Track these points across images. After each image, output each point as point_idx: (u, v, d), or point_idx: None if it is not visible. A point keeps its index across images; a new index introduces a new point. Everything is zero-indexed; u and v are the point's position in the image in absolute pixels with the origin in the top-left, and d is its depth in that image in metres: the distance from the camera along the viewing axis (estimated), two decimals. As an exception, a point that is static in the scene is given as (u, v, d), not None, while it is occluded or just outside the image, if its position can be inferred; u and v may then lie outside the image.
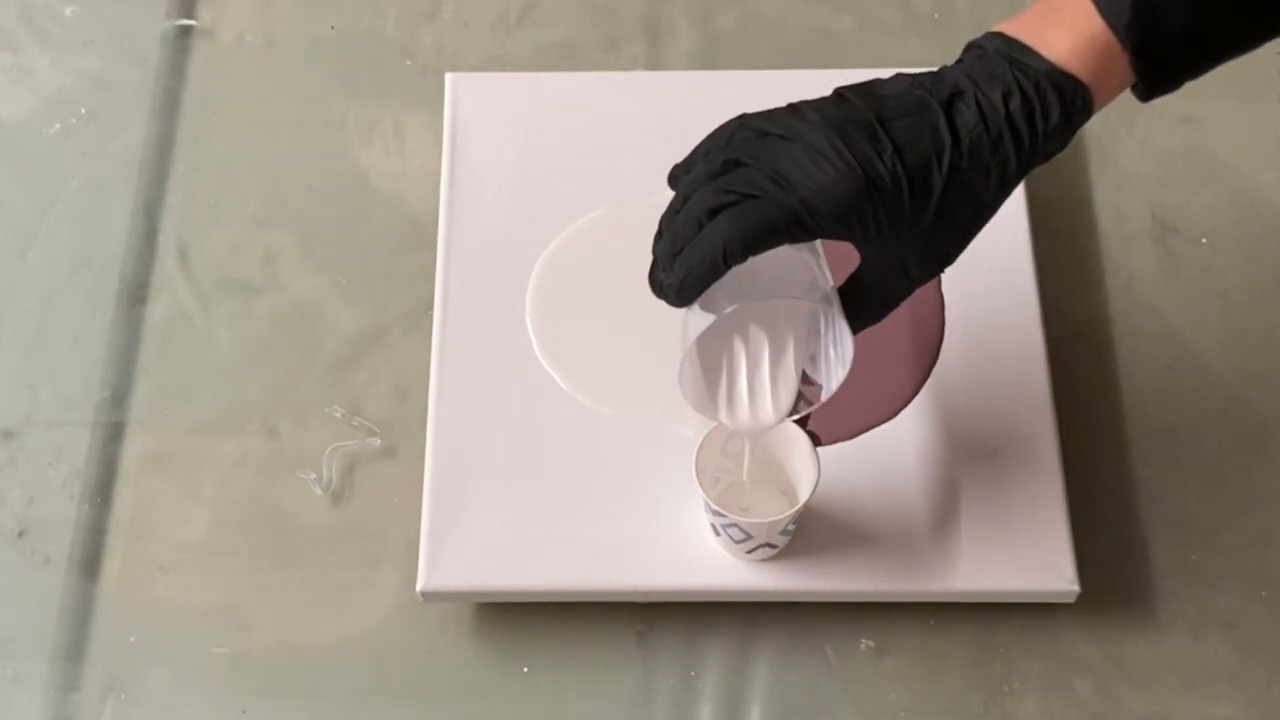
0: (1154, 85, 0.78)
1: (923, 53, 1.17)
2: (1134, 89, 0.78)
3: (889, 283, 0.78)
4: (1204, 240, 1.09)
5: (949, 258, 0.78)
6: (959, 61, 0.78)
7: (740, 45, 1.18)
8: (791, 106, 0.77)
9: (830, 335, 0.81)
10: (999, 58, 0.76)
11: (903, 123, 0.74)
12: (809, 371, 0.83)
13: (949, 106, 0.75)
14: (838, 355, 0.81)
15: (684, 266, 0.76)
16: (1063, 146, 0.77)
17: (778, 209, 0.73)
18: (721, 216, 0.74)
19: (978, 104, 0.75)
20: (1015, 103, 0.75)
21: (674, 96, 1.11)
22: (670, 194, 0.80)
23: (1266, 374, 1.04)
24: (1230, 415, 1.02)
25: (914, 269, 0.77)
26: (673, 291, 0.77)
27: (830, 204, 0.73)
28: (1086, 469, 0.99)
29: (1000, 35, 0.77)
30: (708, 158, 0.77)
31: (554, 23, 1.19)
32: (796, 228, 0.73)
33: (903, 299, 0.79)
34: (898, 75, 0.77)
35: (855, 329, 0.79)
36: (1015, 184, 0.77)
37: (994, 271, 1.03)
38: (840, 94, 0.76)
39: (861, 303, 0.79)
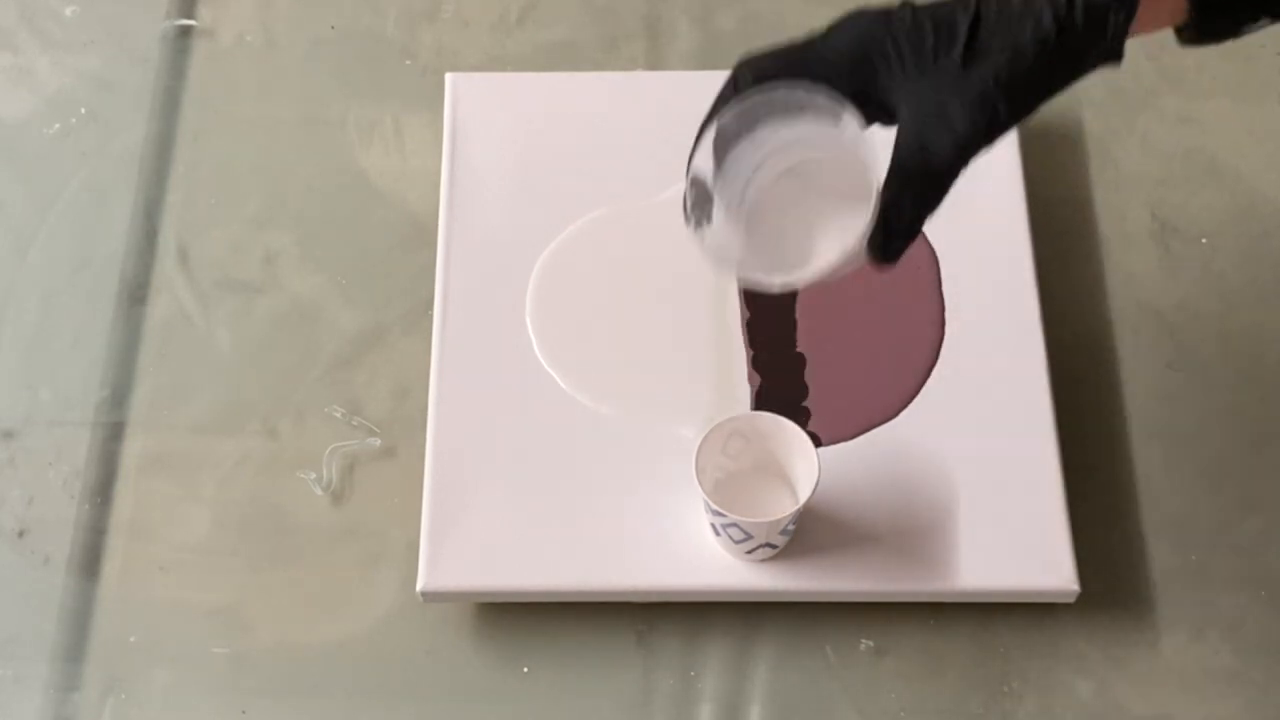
0: (1205, 22, 0.75)
1: (923, 53, 1.17)
2: (1180, 31, 0.76)
3: (929, 131, 0.73)
4: (1204, 240, 1.09)
5: (992, 105, 0.73)
6: None
7: (740, 45, 1.16)
8: None
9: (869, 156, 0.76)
10: None
11: None
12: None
13: None
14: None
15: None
16: (1111, 36, 0.73)
17: (792, 41, 0.75)
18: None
19: None
20: None
21: (674, 96, 1.10)
22: (670, 196, 0.79)
23: (1266, 374, 1.04)
24: (1230, 415, 1.02)
25: (955, 115, 0.73)
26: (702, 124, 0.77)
27: (844, 33, 0.74)
28: (1086, 469, 0.99)
29: None
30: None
31: (554, 23, 1.19)
32: (811, 55, 0.74)
33: (948, 160, 0.73)
34: None
35: (902, 200, 0.74)
36: (1063, 53, 0.73)
37: (994, 271, 1.03)
38: None
39: (903, 159, 0.74)
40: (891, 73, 0.73)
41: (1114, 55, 0.74)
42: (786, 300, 1.02)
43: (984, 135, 0.73)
